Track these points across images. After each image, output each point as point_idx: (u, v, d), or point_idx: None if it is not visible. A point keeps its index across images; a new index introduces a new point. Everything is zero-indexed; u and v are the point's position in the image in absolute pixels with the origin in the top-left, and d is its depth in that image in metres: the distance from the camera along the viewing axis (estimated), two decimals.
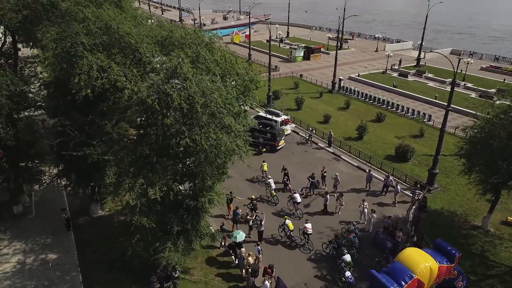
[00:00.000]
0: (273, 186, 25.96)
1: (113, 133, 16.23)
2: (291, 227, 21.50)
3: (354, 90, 48.79)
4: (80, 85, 14.35)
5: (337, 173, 27.37)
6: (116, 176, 15.11)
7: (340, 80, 50.47)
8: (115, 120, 15.60)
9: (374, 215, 22.39)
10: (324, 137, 35.43)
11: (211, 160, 15.16)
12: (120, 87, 13.76)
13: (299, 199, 24.27)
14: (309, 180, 26.49)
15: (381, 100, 44.98)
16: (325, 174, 27.55)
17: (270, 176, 26.74)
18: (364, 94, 47.31)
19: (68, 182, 21.83)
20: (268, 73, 44.17)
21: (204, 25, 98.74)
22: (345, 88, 50.06)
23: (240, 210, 23.66)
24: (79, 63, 14.36)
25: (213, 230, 21.97)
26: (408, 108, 42.20)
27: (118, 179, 15.14)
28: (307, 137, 34.72)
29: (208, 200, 16.62)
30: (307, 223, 21.35)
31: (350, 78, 56.20)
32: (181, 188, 18.29)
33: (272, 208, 25.35)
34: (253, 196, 24.22)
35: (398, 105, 43.18)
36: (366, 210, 22.62)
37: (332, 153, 33.10)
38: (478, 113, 25.19)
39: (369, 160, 30.95)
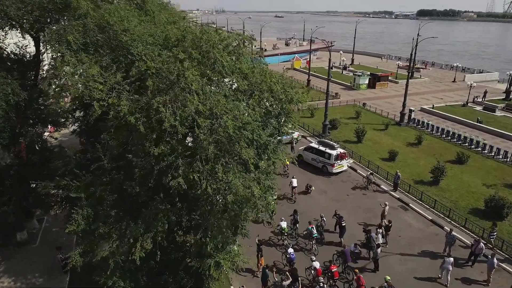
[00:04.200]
0: None
1: (104, 160, 12.26)
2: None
3: (428, 124, 41.55)
4: (51, 94, 10.67)
5: (386, 202, 23.32)
6: (88, 221, 10.96)
7: (410, 111, 43.58)
8: (103, 142, 11.65)
9: None
10: (389, 178, 28.99)
11: (219, 210, 10.41)
12: (94, 98, 9.74)
13: (295, 183, 25.72)
14: (366, 235, 20.41)
15: (462, 137, 37.22)
16: (390, 225, 21.32)
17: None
18: (439, 129, 39.84)
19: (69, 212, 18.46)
20: (325, 100, 39.02)
21: (265, 50, 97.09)
22: (416, 120, 42.98)
23: (275, 270, 18.37)
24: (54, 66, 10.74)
25: None
26: (498, 149, 34.01)
27: (90, 225, 10.97)
28: (366, 179, 28.42)
29: (215, 263, 11.70)
30: None
31: (423, 110, 48.84)
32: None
33: None
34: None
35: (484, 144, 35.17)
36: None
37: (399, 199, 26.53)
38: None
39: (448, 213, 23.93)
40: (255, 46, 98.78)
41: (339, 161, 30.07)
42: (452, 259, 18.29)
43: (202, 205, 10.67)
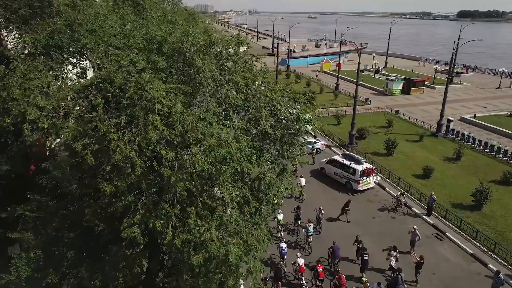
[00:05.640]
0: None
1: (73, 185, 10.16)
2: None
3: (468, 136, 37.27)
4: None
5: (415, 227, 20.25)
6: (37, 265, 8.87)
7: (448, 121, 39.42)
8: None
9: None
10: (422, 199, 25.55)
11: (192, 267, 7.97)
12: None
13: (303, 183, 25.25)
14: (392, 273, 17.36)
15: (510, 152, 32.87)
16: (422, 262, 18.03)
17: None
18: (482, 143, 35.53)
19: None
20: (353, 106, 35.82)
21: (294, 52, 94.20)
22: (455, 132, 38.77)
23: None
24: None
25: None
26: None
27: (38, 272, 8.87)
28: (396, 200, 25.07)
29: None
30: None
31: (463, 120, 44.39)
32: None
33: None
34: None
35: None
36: None
37: (433, 226, 23.09)
38: None
39: (493, 247, 20.34)
40: (284, 48, 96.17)
41: (365, 178, 26.94)
42: None
43: (173, 257, 8.36)
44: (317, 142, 34.63)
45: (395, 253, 18.51)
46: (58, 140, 20.01)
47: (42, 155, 20.35)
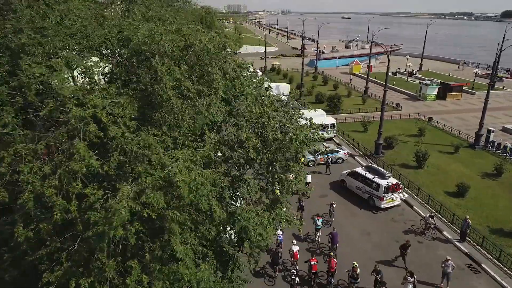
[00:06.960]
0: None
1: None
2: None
3: (511, 149, 33.44)
4: None
5: (448, 257, 17.57)
6: None
7: (489, 131, 35.61)
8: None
9: None
10: (455, 221, 22.58)
11: None
12: None
13: (309, 179, 25.12)
14: None
15: None
16: None
17: None
18: None
19: None
20: (380, 113, 32.99)
21: (323, 53, 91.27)
22: (496, 144, 34.93)
23: None
24: None
25: None
26: None
27: None
28: (424, 222, 22.23)
29: None
30: None
31: (505, 130, 40.22)
32: None
33: None
34: None
35: None
36: None
37: (467, 254, 20.16)
38: None
39: None
40: (312, 48, 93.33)
41: (389, 194, 24.25)
42: None
43: None
44: (339, 151, 32.16)
45: (412, 279, 16.32)
46: None
47: None
